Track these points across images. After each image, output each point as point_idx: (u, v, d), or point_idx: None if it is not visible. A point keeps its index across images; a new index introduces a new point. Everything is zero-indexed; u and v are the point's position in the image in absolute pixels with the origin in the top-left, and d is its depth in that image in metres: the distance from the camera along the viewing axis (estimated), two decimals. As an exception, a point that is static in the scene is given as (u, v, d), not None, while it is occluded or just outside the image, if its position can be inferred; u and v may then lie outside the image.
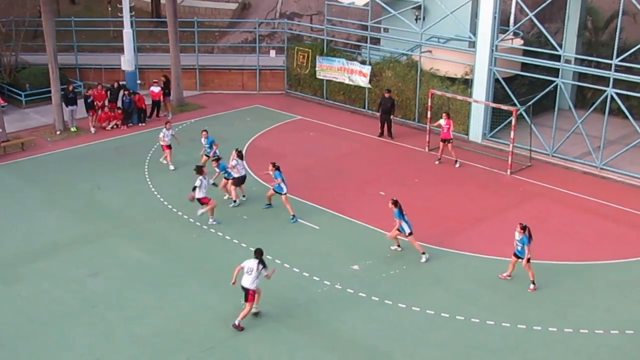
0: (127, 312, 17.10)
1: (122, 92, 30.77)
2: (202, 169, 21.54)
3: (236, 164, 22.37)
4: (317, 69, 34.01)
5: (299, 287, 18.06)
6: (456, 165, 26.26)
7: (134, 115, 30.98)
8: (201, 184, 21.15)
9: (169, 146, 26.03)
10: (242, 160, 22.69)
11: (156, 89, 31.69)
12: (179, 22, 33.61)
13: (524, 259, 18.07)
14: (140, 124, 31.01)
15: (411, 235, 19.42)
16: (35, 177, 25.32)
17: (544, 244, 20.61)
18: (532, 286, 18.26)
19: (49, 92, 30.09)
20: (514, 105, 26.79)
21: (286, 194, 21.73)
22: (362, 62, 32.38)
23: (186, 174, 25.00)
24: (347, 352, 15.78)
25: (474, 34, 28.62)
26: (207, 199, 21.38)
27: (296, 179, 23.53)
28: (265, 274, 16.52)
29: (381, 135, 29.72)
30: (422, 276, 18.89)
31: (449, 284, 18.53)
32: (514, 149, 25.98)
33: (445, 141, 26.33)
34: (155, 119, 31.48)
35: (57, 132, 29.58)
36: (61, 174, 25.53)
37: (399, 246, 20.03)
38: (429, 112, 27.92)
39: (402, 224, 19.28)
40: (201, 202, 21.39)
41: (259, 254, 16.47)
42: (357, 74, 32.45)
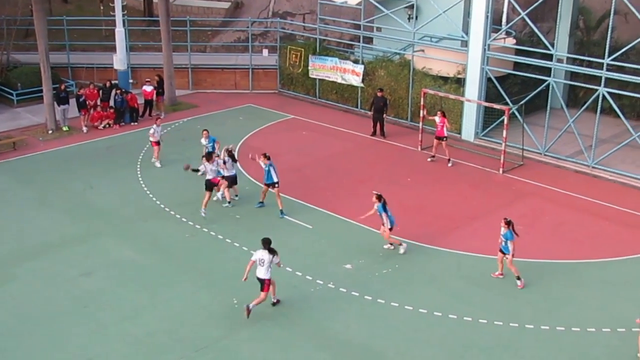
0: (119, 312, 17.07)
1: (114, 91, 30.71)
2: (212, 155, 22.13)
3: (226, 162, 22.42)
4: (309, 68, 34.00)
5: (292, 286, 18.07)
6: (449, 164, 26.31)
7: (126, 114, 30.92)
8: (205, 168, 21.94)
9: (158, 143, 26.06)
10: (233, 159, 22.63)
11: (148, 88, 31.62)
12: (171, 21, 33.54)
13: (509, 255, 18.15)
14: (132, 123, 30.94)
15: (391, 230, 19.62)
16: (27, 176, 25.24)
17: (536, 243, 20.69)
18: (519, 282, 18.32)
19: (41, 91, 29.95)
20: (507, 104, 26.86)
21: (277, 183, 21.84)
22: (355, 61, 32.39)
23: (178, 173, 25.00)
24: (340, 351, 15.80)
25: (466, 33, 28.66)
26: (217, 179, 21.91)
27: (289, 178, 23.52)
28: (276, 262, 16.78)
29: (374, 134, 29.74)
30: (415, 275, 18.92)
31: (441, 283, 18.56)
32: (506, 148, 26.03)
33: (439, 139, 26.39)
34: (147, 118, 31.38)
35: (49, 132, 29.49)
36: (53, 174, 25.46)
37: (392, 245, 20.08)
38: (422, 111, 27.96)
39: (386, 218, 19.48)
40: (213, 182, 21.97)
41: (267, 244, 16.71)
42: (350, 73, 32.46)
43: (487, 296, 17.93)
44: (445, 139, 26.30)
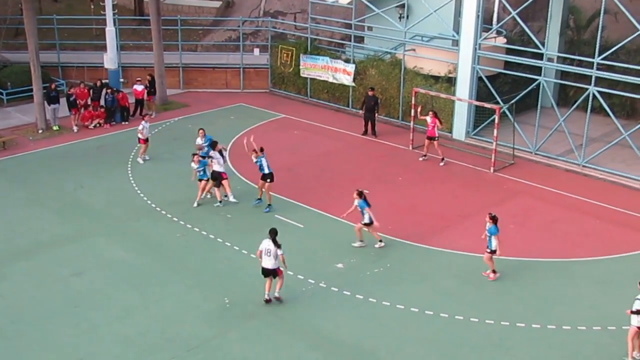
0: (111, 312, 17.02)
1: (104, 91, 30.62)
2: (216, 144, 22.46)
3: (212, 156, 22.43)
4: (301, 68, 33.98)
5: (284, 286, 18.02)
6: (441, 163, 26.32)
7: (116, 113, 30.83)
8: (213, 160, 22.22)
9: (147, 140, 26.02)
10: (221, 156, 22.51)
11: (139, 88, 31.55)
12: (162, 20, 33.49)
13: (493, 251, 18.25)
14: (123, 123, 30.85)
15: (367, 226, 19.80)
16: (17, 176, 25.13)
17: (527, 241, 20.75)
18: (492, 275, 18.50)
19: (31, 90, 29.84)
20: (497, 103, 26.90)
21: (270, 176, 22.02)
22: (346, 61, 32.39)
23: (169, 173, 24.97)
24: (332, 351, 15.80)
25: (457, 33, 28.71)
26: (225, 174, 22.27)
27: (280, 178, 23.49)
28: (279, 253, 16.89)
29: (365, 133, 29.75)
30: (406, 274, 18.94)
31: (433, 282, 18.59)
32: (497, 146, 26.09)
33: (430, 139, 26.41)
34: (138, 118, 31.25)
35: (39, 131, 29.38)
36: (43, 173, 25.36)
37: (381, 241, 20.16)
38: (413, 111, 27.99)
39: (367, 212, 19.65)
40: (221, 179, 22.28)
41: (272, 234, 16.90)
42: (341, 73, 32.46)
43: (479, 295, 17.96)
44: (436, 139, 26.32)
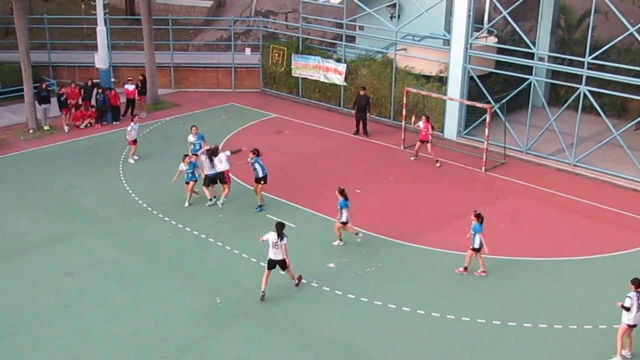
0: (102, 312, 16.98)
1: (95, 90, 30.53)
2: (217, 149, 22.57)
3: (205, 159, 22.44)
4: (292, 67, 33.97)
5: (275, 286, 18.01)
6: (437, 164, 26.25)
7: (108, 113, 30.75)
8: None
9: (135, 141, 26.02)
10: (211, 160, 22.48)
11: (130, 87, 31.47)
12: (153, 19, 33.42)
13: (478, 249, 18.34)
14: (114, 123, 30.76)
15: (345, 224, 19.96)
16: (7, 176, 25.03)
17: (518, 240, 20.81)
18: (461, 269, 18.75)
19: (22, 90, 29.74)
20: (489, 102, 26.95)
21: (264, 178, 22.06)
22: (338, 60, 32.39)
23: (161, 172, 24.89)
24: (324, 350, 15.80)
25: (448, 32, 28.74)
26: (230, 179, 22.48)
27: (272, 177, 23.44)
28: (282, 244, 17.23)
29: (357, 133, 29.76)
30: (398, 273, 18.95)
31: (424, 281, 18.61)
32: (488, 146, 26.14)
33: (423, 142, 26.36)
34: (129, 117, 31.21)
35: (30, 131, 29.29)
36: (34, 173, 25.26)
37: (357, 234, 20.37)
38: (404, 110, 28.01)
39: (345, 212, 19.82)
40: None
41: (279, 227, 17.17)
42: (333, 72, 32.46)
43: (470, 294, 18.00)
44: (429, 142, 26.24)
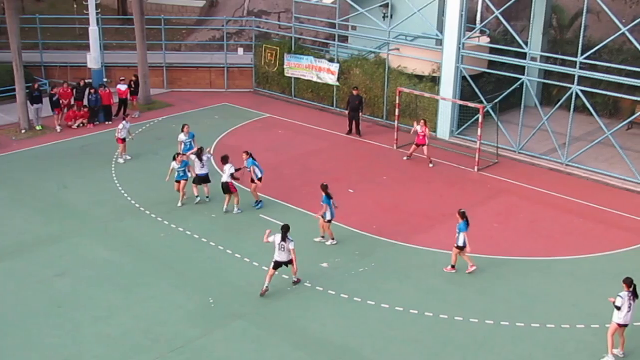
0: (94, 312, 16.93)
1: (88, 90, 30.46)
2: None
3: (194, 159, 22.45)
4: (285, 67, 33.95)
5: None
6: (430, 165, 26.26)
7: (100, 113, 30.68)
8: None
9: (124, 140, 25.99)
10: (199, 159, 22.46)
11: (123, 87, 31.41)
12: (145, 19, 33.34)
13: (462, 247, 18.41)
14: (106, 122, 30.69)
15: (329, 222, 20.06)
16: (-1, 176, 25.00)
17: (510, 240, 20.85)
18: (449, 267, 18.89)
19: (14, 90, 29.64)
20: (481, 102, 27.00)
21: (260, 179, 22.17)
22: (330, 60, 32.39)
23: (153, 172, 24.85)
24: (316, 350, 15.79)
25: (441, 32, 28.78)
26: (233, 185, 22.31)
27: (265, 177, 23.40)
28: (290, 248, 17.43)
29: (349, 132, 29.77)
30: (391, 273, 18.96)
31: (417, 281, 18.63)
32: (481, 146, 26.19)
33: (419, 146, 26.29)
34: (121, 117, 31.15)
35: (22, 131, 29.20)
36: (26, 173, 25.18)
37: (323, 237, 20.47)
38: (397, 110, 28.03)
39: (327, 209, 19.89)
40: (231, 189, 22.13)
41: (285, 230, 17.53)
42: (325, 72, 32.46)
43: (463, 293, 18.02)
44: (425, 145, 26.20)
